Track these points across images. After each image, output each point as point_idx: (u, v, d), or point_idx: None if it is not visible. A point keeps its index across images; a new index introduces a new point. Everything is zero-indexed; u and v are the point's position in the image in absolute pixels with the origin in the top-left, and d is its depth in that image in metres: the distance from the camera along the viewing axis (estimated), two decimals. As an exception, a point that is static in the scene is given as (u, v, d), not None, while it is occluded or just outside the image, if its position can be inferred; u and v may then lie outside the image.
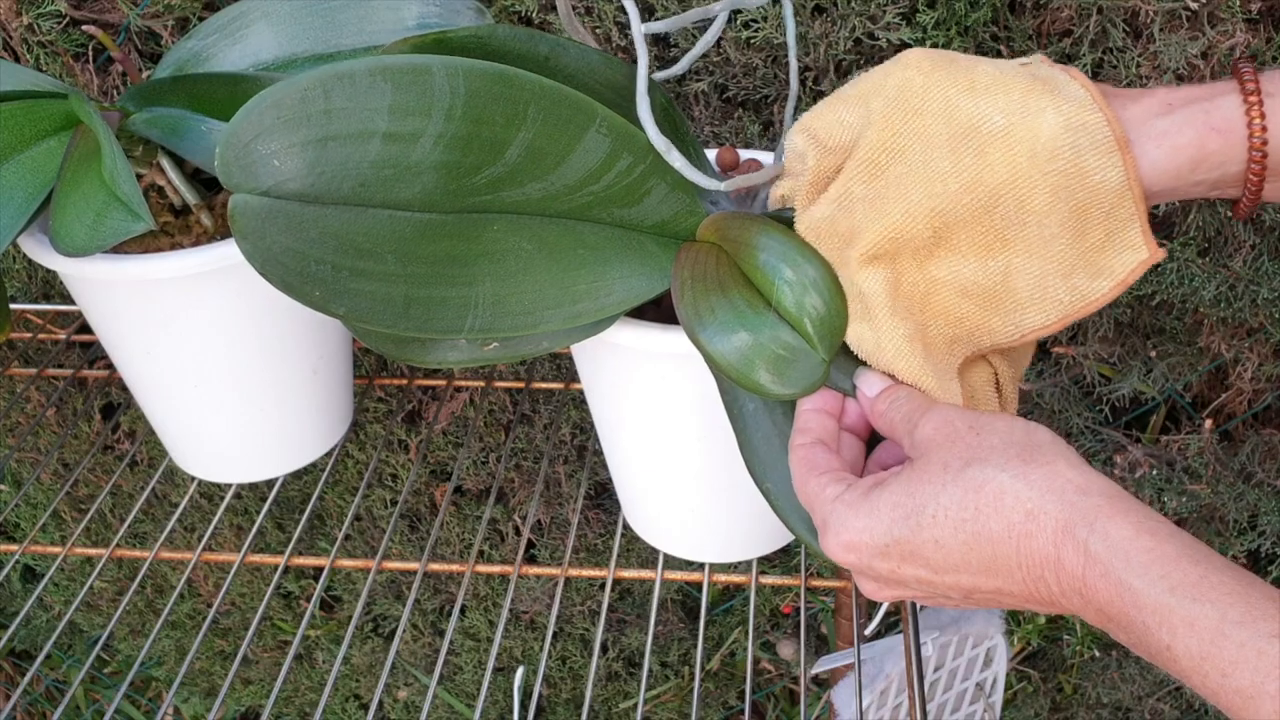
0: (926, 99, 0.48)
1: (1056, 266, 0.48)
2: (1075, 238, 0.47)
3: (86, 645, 1.33)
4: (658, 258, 0.55)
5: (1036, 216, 0.47)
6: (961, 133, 0.47)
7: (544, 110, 0.50)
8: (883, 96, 0.49)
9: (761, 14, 0.79)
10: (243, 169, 0.46)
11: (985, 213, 0.47)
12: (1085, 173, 0.46)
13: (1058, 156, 0.46)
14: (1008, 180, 0.47)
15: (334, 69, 0.47)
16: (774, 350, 0.50)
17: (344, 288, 0.48)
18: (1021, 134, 0.46)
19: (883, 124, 0.49)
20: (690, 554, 0.69)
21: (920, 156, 0.48)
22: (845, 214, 0.50)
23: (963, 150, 0.47)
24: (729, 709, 1.24)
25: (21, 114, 0.65)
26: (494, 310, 0.52)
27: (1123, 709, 1.17)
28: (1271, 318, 0.88)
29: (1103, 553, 0.38)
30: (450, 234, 0.50)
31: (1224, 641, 0.35)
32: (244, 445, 0.74)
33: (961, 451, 0.42)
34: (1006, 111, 0.47)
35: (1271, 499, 1.00)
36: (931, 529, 0.41)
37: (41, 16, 0.86)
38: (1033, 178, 0.46)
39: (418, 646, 1.22)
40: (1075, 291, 0.48)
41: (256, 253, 0.47)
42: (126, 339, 0.69)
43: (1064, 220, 0.47)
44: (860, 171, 0.50)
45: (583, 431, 1.04)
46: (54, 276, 0.99)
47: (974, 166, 0.47)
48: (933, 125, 0.48)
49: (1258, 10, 0.75)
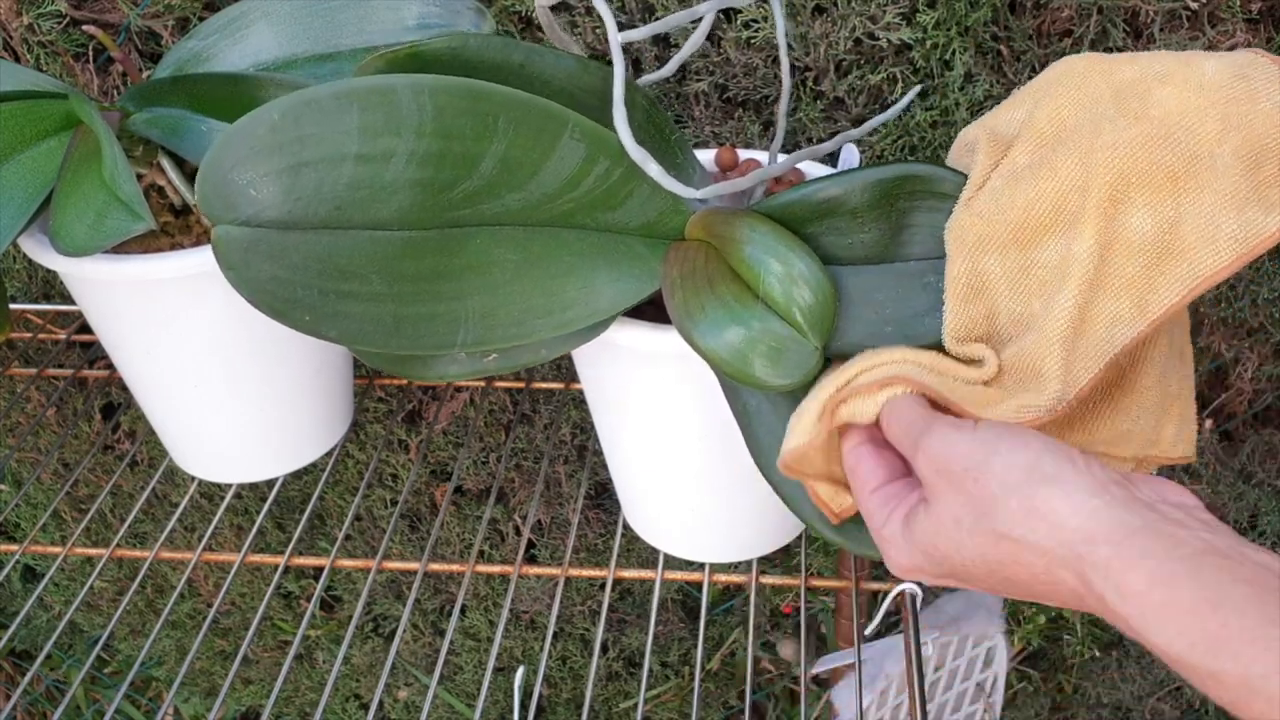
0: (1089, 74, 0.49)
1: (1229, 200, 0.45)
2: (1249, 169, 0.45)
3: (86, 645, 1.33)
4: (646, 259, 0.55)
5: (1208, 146, 0.45)
6: (1127, 84, 0.47)
7: (514, 121, 0.50)
8: (1047, 84, 0.50)
9: (761, 14, 0.79)
10: (222, 200, 0.47)
11: (1155, 147, 0.46)
12: (1257, 97, 0.45)
13: (1227, 87, 0.45)
14: (1176, 111, 0.46)
15: (301, 96, 0.47)
16: (766, 342, 0.50)
17: (332, 310, 0.49)
18: (1187, 74, 0.46)
19: (1048, 103, 0.49)
20: (690, 554, 0.69)
21: (1087, 115, 0.48)
22: (1010, 184, 0.49)
23: (1128, 97, 0.47)
24: (729, 709, 1.24)
25: (21, 114, 0.65)
26: (484, 323, 0.52)
27: (1123, 709, 1.17)
28: (1271, 318, 0.88)
29: (1120, 607, 0.37)
30: (433, 250, 0.51)
31: (1253, 698, 0.34)
32: (244, 445, 0.74)
33: (967, 505, 0.41)
34: (1167, 62, 0.47)
35: (1271, 499, 1.00)
36: (965, 575, 0.42)
37: (42, 16, 0.86)
38: (1202, 107, 0.46)
39: (418, 646, 1.22)
40: (1249, 226, 0.45)
41: (243, 282, 0.48)
42: (126, 339, 0.69)
43: (1237, 150, 0.45)
44: (1025, 145, 0.49)
45: (583, 431, 1.04)
46: (54, 276, 0.99)
47: (1140, 106, 0.47)
48: (1095, 88, 0.48)
49: (1258, 10, 0.75)
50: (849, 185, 0.52)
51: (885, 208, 0.53)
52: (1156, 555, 0.36)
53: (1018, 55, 0.79)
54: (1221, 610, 0.34)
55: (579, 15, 0.82)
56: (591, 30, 0.82)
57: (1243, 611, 0.34)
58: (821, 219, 0.53)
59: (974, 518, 0.40)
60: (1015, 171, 0.49)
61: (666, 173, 0.52)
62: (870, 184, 0.52)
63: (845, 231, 0.53)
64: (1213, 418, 0.99)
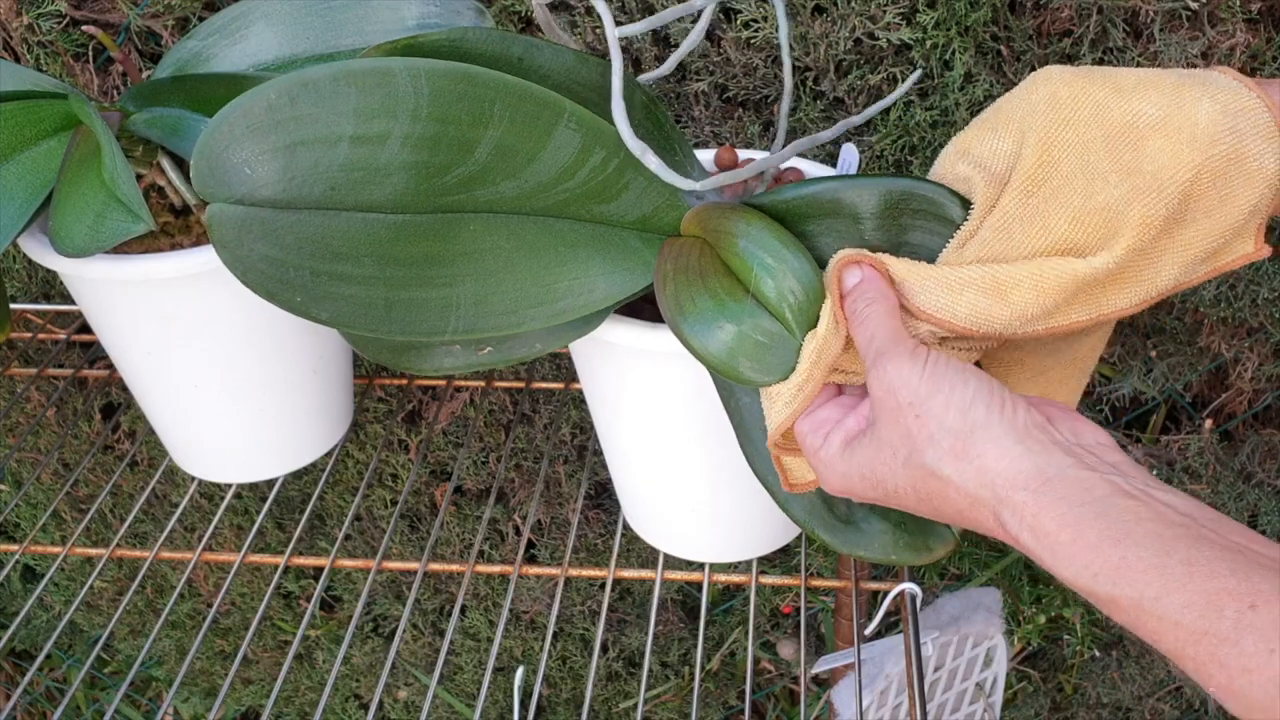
0: (1076, 108, 0.48)
1: (1186, 251, 0.47)
2: (1216, 222, 0.47)
3: (86, 645, 1.33)
4: (641, 253, 0.55)
5: (1201, 202, 0.46)
6: (1117, 131, 0.47)
7: (510, 107, 0.50)
8: (1034, 114, 0.49)
9: (761, 14, 0.79)
10: (216, 178, 0.47)
11: (1147, 201, 0.46)
12: (1244, 157, 0.46)
13: (1218, 141, 0.46)
14: (1169, 166, 0.46)
15: (299, 75, 0.47)
16: (754, 338, 0.50)
17: (324, 292, 0.49)
18: (1179, 122, 0.46)
19: (1036, 142, 0.48)
20: (690, 554, 0.69)
21: (1077, 164, 0.47)
22: (1003, 237, 0.49)
23: (1120, 146, 0.47)
24: (729, 709, 1.24)
25: (21, 114, 0.65)
26: (476, 310, 0.52)
27: (1123, 709, 1.17)
28: (1271, 318, 0.88)
29: (1033, 546, 0.41)
30: (426, 234, 0.51)
31: (1145, 618, 0.38)
32: (244, 445, 0.74)
33: (904, 437, 0.45)
34: (1160, 104, 0.46)
35: (1271, 499, 1.00)
36: (897, 497, 0.46)
37: (42, 16, 0.86)
38: (1195, 163, 0.46)
39: (418, 646, 1.22)
40: (1225, 252, 0.48)
41: (236, 261, 0.47)
42: (126, 339, 0.69)
43: (1211, 205, 0.47)
44: (1017, 192, 0.49)
45: (583, 431, 1.04)
46: (54, 276, 0.99)
47: (1133, 158, 0.46)
48: (1086, 132, 0.47)
49: (1258, 10, 0.75)
50: (857, 189, 0.52)
51: (888, 218, 0.52)
52: (1069, 500, 0.40)
53: (1018, 55, 0.79)
54: (1121, 545, 0.39)
55: (578, 15, 0.82)
56: (591, 30, 0.82)
57: (1142, 545, 0.38)
58: (822, 218, 0.53)
59: (907, 451, 0.45)
60: (1007, 224, 0.49)
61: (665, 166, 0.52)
62: (880, 192, 0.52)
63: (844, 234, 0.53)
64: (1213, 418, 0.99)
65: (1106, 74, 0.48)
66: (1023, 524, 0.41)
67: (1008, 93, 0.51)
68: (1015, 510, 0.41)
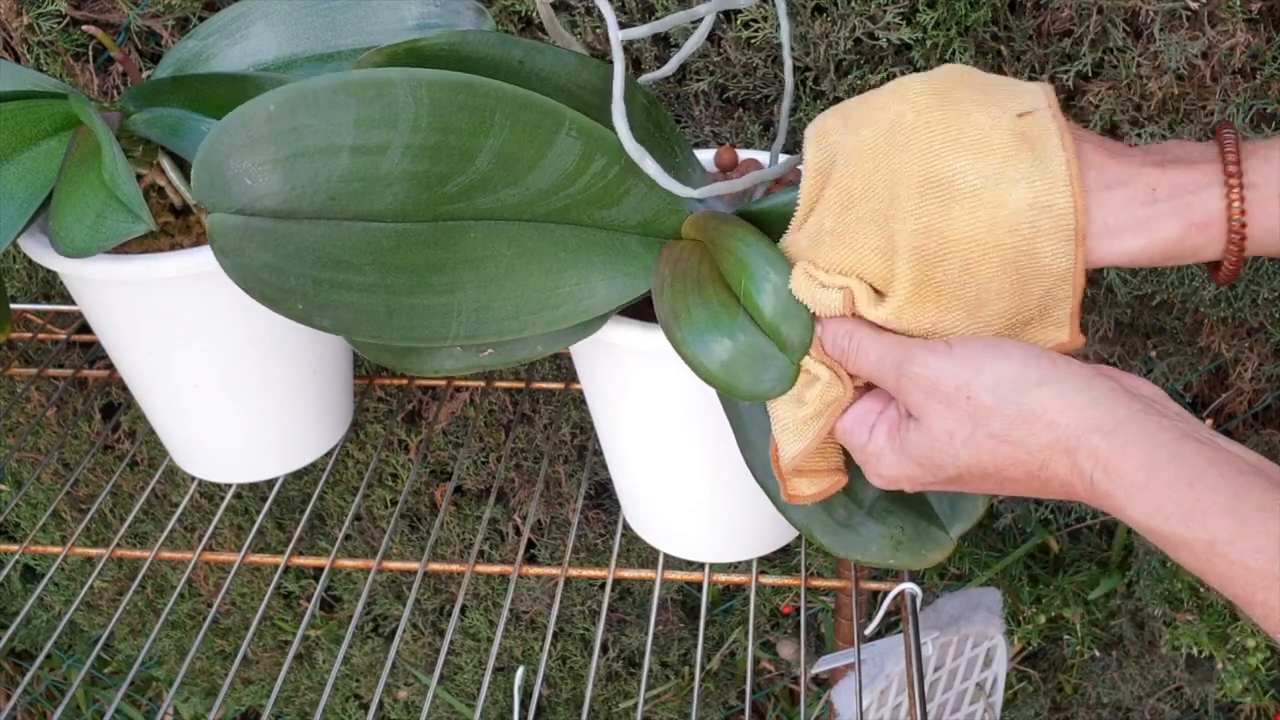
0: (912, 138, 0.48)
1: (984, 329, 0.48)
2: (1010, 306, 0.48)
3: (86, 645, 1.33)
4: (642, 257, 0.55)
5: (979, 281, 0.47)
6: (935, 180, 0.47)
7: (510, 116, 0.50)
8: (873, 126, 0.49)
9: (761, 14, 0.79)
10: (217, 188, 0.47)
11: (932, 263, 0.47)
12: (1037, 254, 0.47)
13: (1016, 231, 0.47)
14: (963, 240, 0.47)
15: (298, 87, 0.47)
16: (749, 354, 0.50)
17: (325, 300, 0.49)
18: (989, 199, 0.46)
19: (864, 157, 0.49)
20: (690, 554, 0.69)
21: (889, 192, 0.48)
22: (814, 247, 0.50)
23: (930, 197, 0.47)
24: (729, 709, 1.24)
25: (21, 114, 0.65)
26: (477, 316, 0.52)
27: (1123, 709, 1.17)
28: (1271, 318, 0.88)
29: (1106, 486, 0.41)
30: (427, 243, 0.51)
31: (1217, 561, 0.39)
32: (244, 445, 0.74)
33: (961, 419, 0.45)
34: (983, 174, 0.47)
35: (1271, 499, 1.00)
36: (959, 480, 0.47)
37: (42, 16, 0.86)
38: (987, 245, 0.47)
39: (418, 646, 1.22)
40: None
41: (237, 270, 0.48)
42: (126, 339, 0.69)
43: (1003, 289, 0.47)
44: (833, 204, 0.50)
45: (583, 431, 1.04)
46: (54, 276, 0.99)
47: (936, 215, 0.47)
48: (910, 164, 0.48)
49: (1258, 10, 0.75)
50: None
51: None
52: (1143, 443, 0.41)
53: (1018, 55, 0.79)
54: (1195, 487, 0.39)
55: (579, 15, 0.82)
56: (591, 30, 0.82)
57: (1215, 488, 0.39)
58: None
59: (970, 428, 0.45)
60: (820, 234, 0.50)
61: (664, 171, 0.52)
62: None
63: None
64: (1213, 418, 0.99)
65: (957, 114, 0.48)
66: (1096, 465, 0.41)
67: (875, 90, 0.51)
68: (1090, 454, 0.42)
